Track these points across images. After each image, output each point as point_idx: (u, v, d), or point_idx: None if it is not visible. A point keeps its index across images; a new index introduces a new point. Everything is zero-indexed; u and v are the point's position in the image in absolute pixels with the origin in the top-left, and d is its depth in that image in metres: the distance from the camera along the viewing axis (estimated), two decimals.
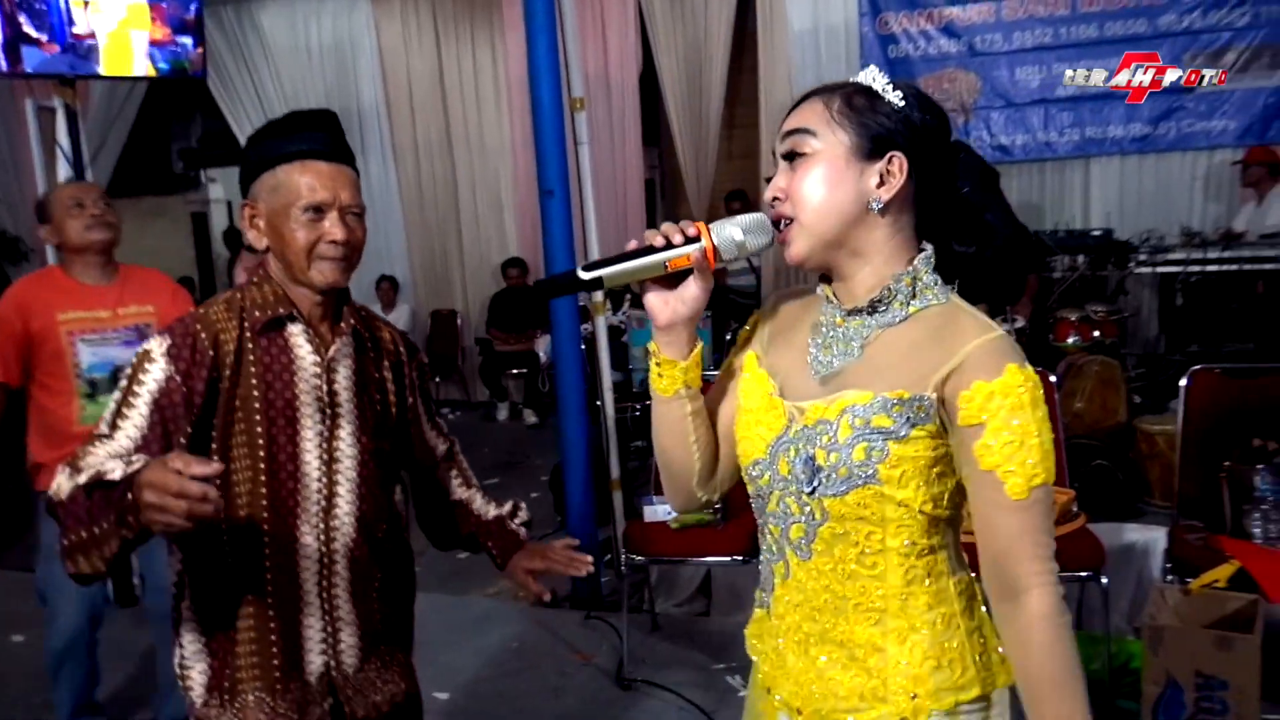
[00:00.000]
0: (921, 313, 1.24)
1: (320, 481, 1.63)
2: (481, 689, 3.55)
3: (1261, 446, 3.13)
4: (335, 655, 1.66)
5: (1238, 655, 2.61)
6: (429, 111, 8.54)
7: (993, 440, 1.17)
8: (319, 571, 1.63)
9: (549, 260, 4.17)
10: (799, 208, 1.24)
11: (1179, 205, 6.91)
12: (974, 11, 7.17)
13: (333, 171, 1.60)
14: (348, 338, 1.68)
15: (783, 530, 1.29)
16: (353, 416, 1.67)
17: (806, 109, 1.27)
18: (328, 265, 1.60)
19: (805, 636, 1.30)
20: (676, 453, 1.38)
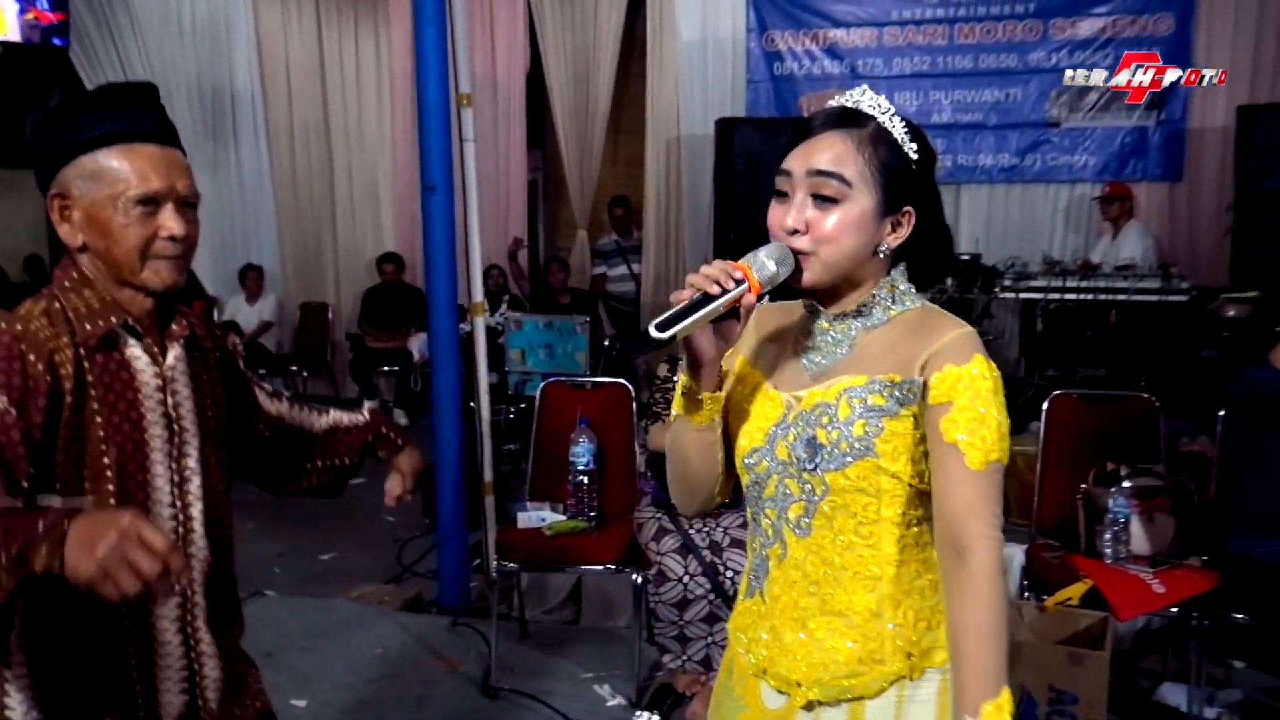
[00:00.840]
0: (901, 315, 1.38)
1: (174, 508, 1.47)
2: (341, 697, 3.43)
3: (1115, 470, 3.27)
4: (199, 692, 1.51)
5: (1088, 671, 2.71)
6: (307, 98, 8.29)
7: (958, 416, 1.29)
8: (179, 605, 1.48)
9: (428, 257, 4.08)
10: (821, 246, 1.32)
11: (1042, 234, 7.22)
12: (857, 35, 7.36)
13: (166, 157, 1.43)
14: (178, 344, 1.50)
15: (780, 512, 1.40)
16: (196, 430, 1.51)
17: (838, 146, 1.33)
18: (164, 265, 1.43)
19: (803, 612, 1.39)
20: (705, 470, 1.45)
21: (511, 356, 5.98)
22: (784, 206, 1.34)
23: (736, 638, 1.50)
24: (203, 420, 1.53)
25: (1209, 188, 6.82)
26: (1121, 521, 3.10)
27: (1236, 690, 3.32)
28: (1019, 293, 6.33)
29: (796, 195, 1.33)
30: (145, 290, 1.44)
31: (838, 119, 1.35)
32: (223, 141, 8.22)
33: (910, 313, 1.38)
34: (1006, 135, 7.24)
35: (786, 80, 7.50)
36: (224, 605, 1.57)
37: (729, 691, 1.52)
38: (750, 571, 1.49)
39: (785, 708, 1.43)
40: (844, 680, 1.36)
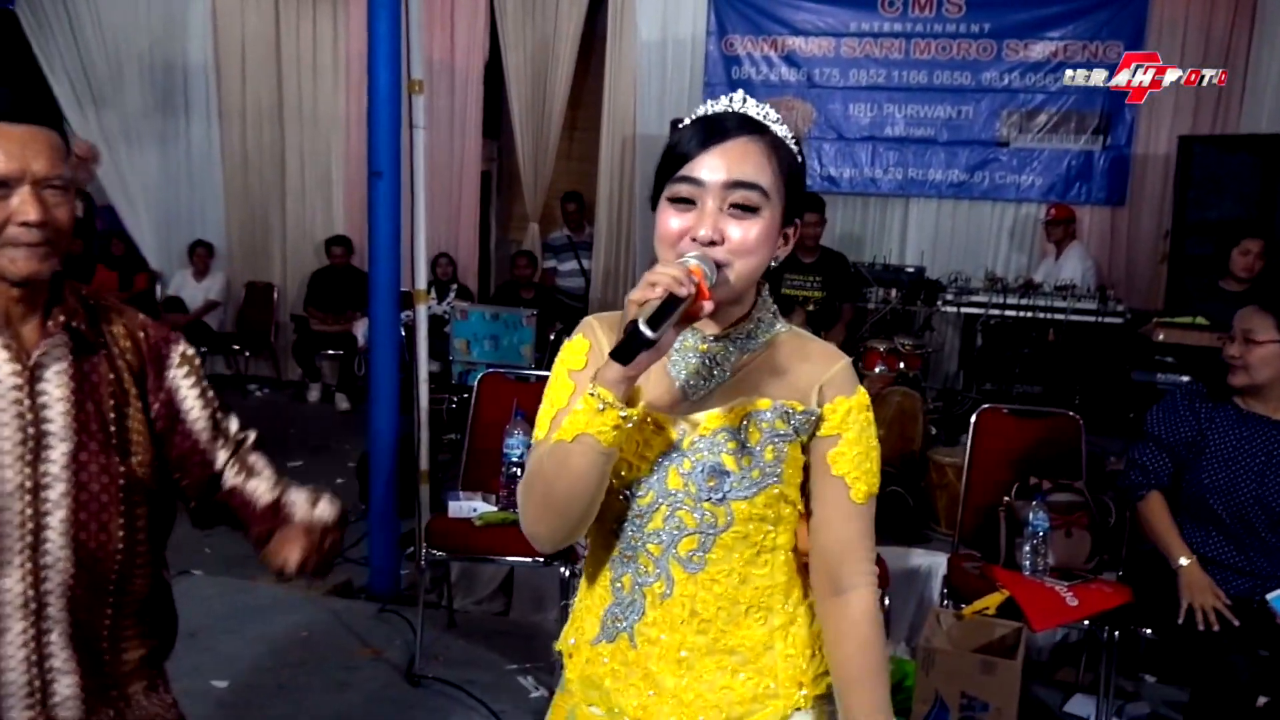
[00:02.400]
0: (775, 339, 1.34)
1: (24, 515, 1.35)
2: (262, 679, 3.41)
3: (1037, 484, 3.34)
4: (46, 711, 1.40)
5: (1000, 679, 2.78)
6: (261, 76, 8.18)
7: (846, 450, 1.31)
8: (26, 618, 1.37)
9: (372, 242, 4.06)
10: (738, 259, 1.24)
11: (986, 251, 7.35)
12: (815, 45, 7.43)
13: (21, 136, 1.32)
14: (60, 337, 1.39)
15: (666, 548, 1.30)
16: (70, 433, 1.38)
17: (753, 153, 1.25)
18: (20, 253, 1.33)
19: (691, 651, 1.31)
20: (592, 502, 1.25)
21: (456, 346, 5.96)
22: (689, 215, 1.24)
23: (586, 689, 1.38)
24: (82, 422, 1.40)
25: (1149, 213, 6.98)
26: (1040, 535, 3.17)
27: (1144, 703, 3.42)
28: (961, 307, 6.43)
29: (708, 204, 1.23)
30: (3, 279, 1.35)
31: (744, 125, 1.27)
32: (173, 116, 8.09)
33: (783, 336, 1.35)
34: (957, 152, 7.35)
35: (743, 85, 7.47)
36: (97, 622, 1.45)
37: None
38: (605, 614, 1.36)
39: None
40: (739, 719, 1.32)
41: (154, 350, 1.51)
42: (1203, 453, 2.87)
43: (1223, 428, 2.86)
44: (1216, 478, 2.84)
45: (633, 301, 1.13)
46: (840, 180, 7.54)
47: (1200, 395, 2.93)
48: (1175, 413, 2.94)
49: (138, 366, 1.49)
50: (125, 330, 1.50)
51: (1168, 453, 2.92)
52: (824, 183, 7.47)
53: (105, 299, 1.52)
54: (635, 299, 1.12)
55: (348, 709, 3.28)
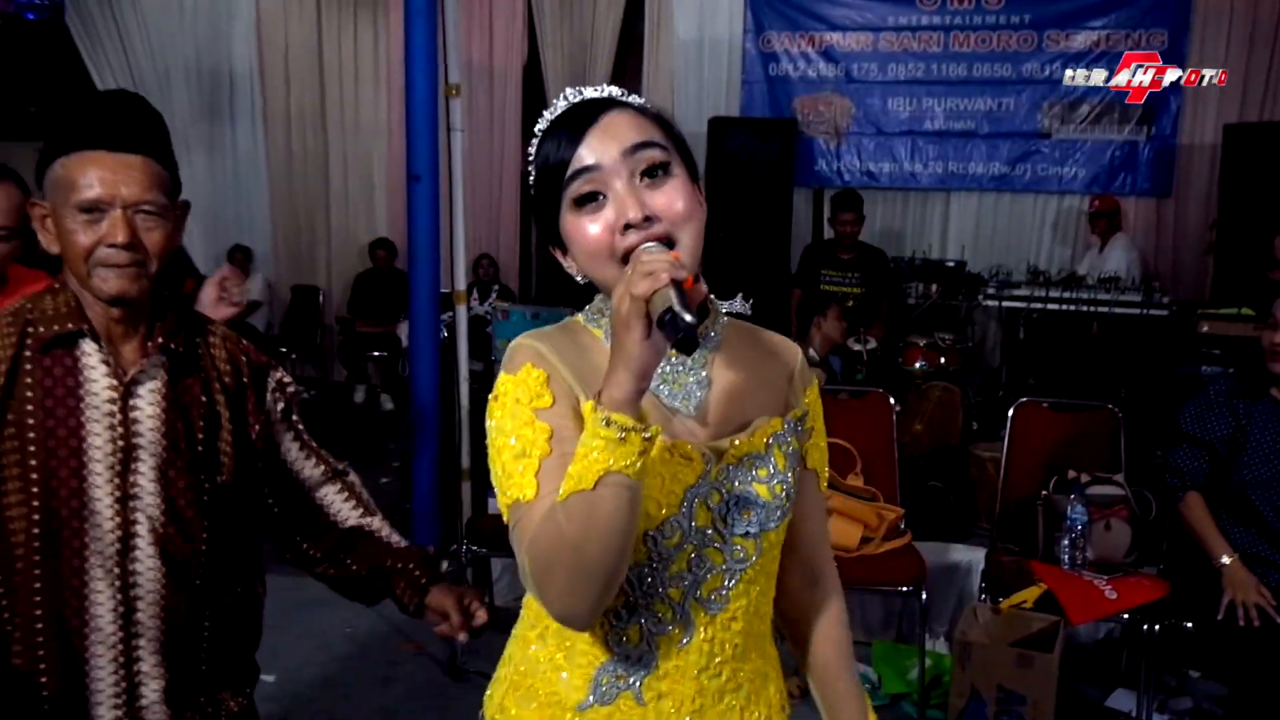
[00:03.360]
0: (726, 332, 1.21)
1: (114, 522, 1.43)
2: (309, 674, 3.49)
3: (1075, 478, 3.33)
4: (133, 712, 1.48)
5: (1036, 672, 2.77)
6: (304, 82, 8.33)
7: (818, 441, 1.28)
8: (116, 620, 1.44)
9: (412, 244, 4.13)
10: (678, 227, 1.08)
11: (1028, 244, 7.28)
12: (853, 39, 7.40)
13: (115, 163, 1.39)
14: (157, 357, 1.47)
15: (688, 590, 1.13)
16: (159, 449, 1.45)
17: (628, 117, 1.11)
18: (111, 274, 1.40)
19: (704, 700, 1.16)
20: (626, 550, 1.02)
21: (498, 346, 6.02)
22: (601, 211, 1.08)
23: None
24: (171, 439, 1.47)
25: (1195, 204, 6.89)
26: (1079, 528, 3.15)
27: (1187, 699, 3.38)
28: (1002, 301, 6.37)
29: (615, 185, 1.08)
30: (98, 298, 1.43)
31: (606, 103, 1.12)
32: (219, 122, 8.24)
33: (731, 328, 1.22)
34: (998, 144, 7.29)
35: (781, 81, 7.54)
36: (193, 631, 1.51)
37: None
38: (598, 673, 1.16)
39: None
40: None
41: (253, 376, 1.58)
42: (1243, 449, 2.85)
43: (1262, 422, 2.83)
44: (1258, 472, 2.81)
45: (636, 298, 0.95)
46: (880, 175, 7.51)
47: (1236, 391, 2.91)
48: (1211, 410, 2.91)
49: (234, 389, 1.55)
50: (226, 354, 1.56)
51: (1205, 451, 2.90)
52: (863, 178, 7.45)
53: (211, 320, 1.60)
54: (639, 293, 0.95)
55: (392, 702, 3.35)
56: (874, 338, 5.50)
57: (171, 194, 1.47)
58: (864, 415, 3.69)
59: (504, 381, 1.12)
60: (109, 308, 1.44)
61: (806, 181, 7.44)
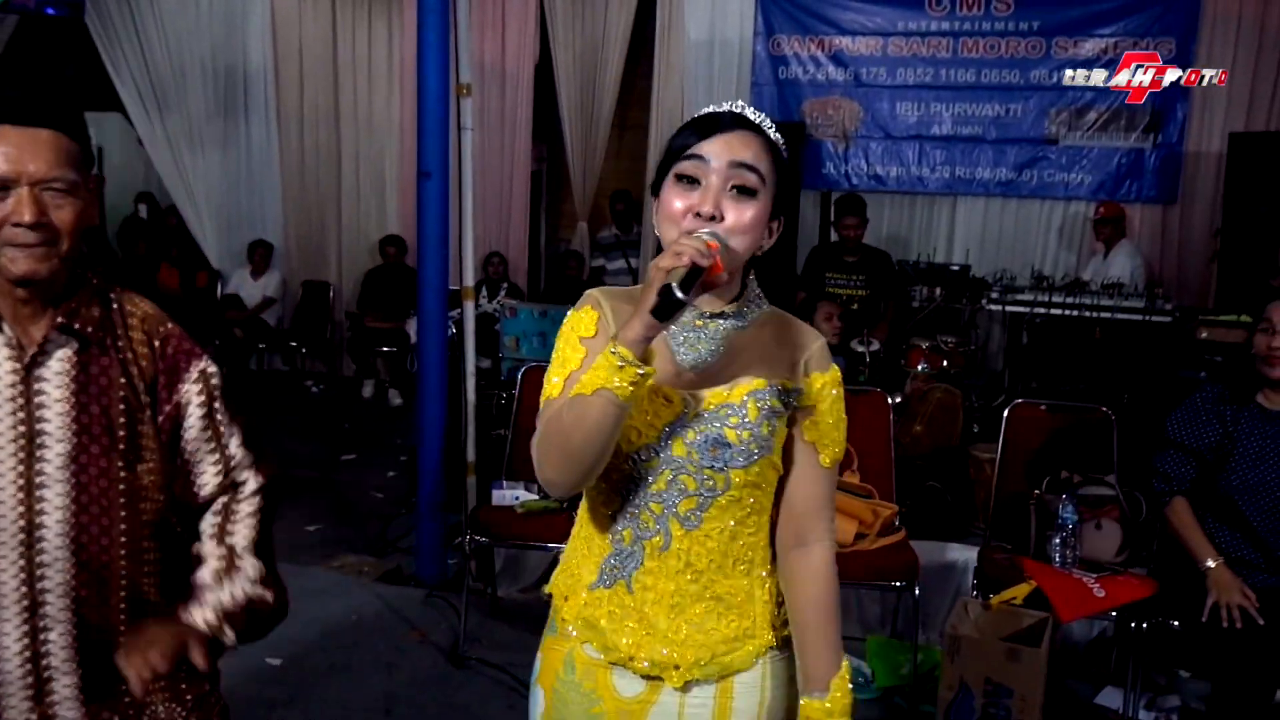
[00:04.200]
0: (762, 317, 1.49)
1: (17, 511, 1.37)
2: (314, 659, 3.56)
3: (1068, 478, 3.39)
4: (43, 707, 1.42)
5: (1024, 666, 2.83)
6: (318, 80, 8.41)
7: (819, 420, 1.47)
8: (22, 613, 1.39)
9: (421, 241, 4.20)
10: (734, 236, 1.36)
11: (1033, 250, 7.32)
12: (862, 44, 7.46)
13: (21, 137, 1.33)
14: (59, 337, 1.41)
15: (667, 507, 1.44)
16: (68, 434, 1.39)
17: (754, 144, 1.39)
18: (19, 253, 1.34)
19: (683, 598, 1.46)
20: (604, 452, 1.35)
21: (506, 343, 6.08)
22: (693, 192, 1.37)
23: (584, 629, 1.50)
24: (83, 424, 1.41)
25: (1201, 212, 6.92)
26: (1070, 527, 3.21)
27: (1175, 697, 3.44)
28: (1006, 305, 6.43)
29: (712, 181, 1.36)
30: (5, 278, 1.37)
31: (744, 121, 1.41)
32: (233, 119, 8.33)
33: (768, 316, 1.50)
34: (1005, 150, 7.33)
35: (790, 85, 7.60)
36: (110, 626, 1.45)
37: (574, 687, 1.51)
38: (604, 562, 1.49)
39: (647, 692, 1.47)
40: (723, 658, 1.46)
41: (171, 361, 1.50)
42: (1230, 455, 2.90)
43: (1249, 429, 2.89)
44: (1246, 478, 2.87)
45: (661, 269, 1.25)
46: (887, 179, 7.56)
47: (1224, 397, 2.96)
48: (1198, 416, 2.97)
49: (151, 374, 1.48)
50: (144, 336, 1.49)
51: (1192, 457, 2.95)
52: (871, 181, 7.51)
53: (134, 302, 1.52)
54: (664, 266, 1.25)
55: (395, 687, 3.43)
56: (877, 339, 5.56)
57: (83, 168, 1.41)
58: (862, 414, 3.73)
59: (570, 316, 1.48)
60: (14, 288, 1.38)
61: (814, 184, 7.50)
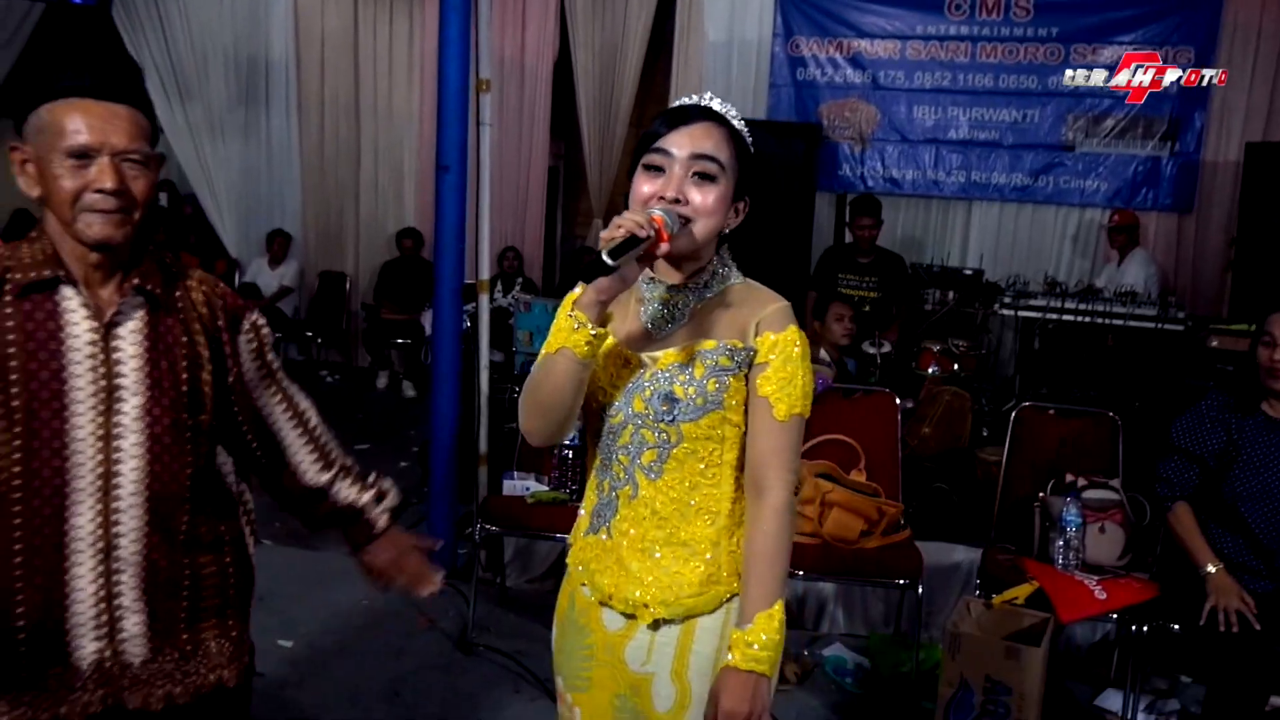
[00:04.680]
0: (729, 289, 1.63)
1: (95, 460, 1.49)
2: (325, 642, 3.62)
3: (1073, 481, 3.41)
4: (114, 644, 1.54)
5: (1023, 665, 2.86)
6: (339, 72, 8.48)
7: (771, 375, 1.56)
8: (96, 555, 1.50)
9: (438, 234, 4.25)
10: (700, 218, 1.53)
11: (1047, 255, 7.33)
12: (881, 47, 7.48)
13: (106, 111, 1.45)
14: (134, 299, 1.53)
15: (633, 458, 1.60)
16: (142, 388, 1.52)
17: (715, 135, 1.55)
18: (96, 218, 1.45)
19: (651, 544, 1.60)
20: (571, 406, 1.56)
21: (519, 338, 6.13)
22: (658, 180, 1.54)
23: (577, 571, 1.70)
24: (154, 378, 1.53)
25: (1217, 221, 6.93)
26: (1073, 530, 3.24)
27: (1175, 701, 3.46)
28: (1018, 310, 6.45)
29: (675, 171, 1.53)
30: (82, 242, 1.48)
31: (705, 114, 1.57)
32: (255, 109, 8.41)
33: (736, 287, 1.63)
34: (1021, 155, 7.35)
35: (808, 86, 7.63)
36: (175, 569, 1.58)
37: (573, 622, 1.71)
38: (593, 511, 1.68)
39: (626, 628, 1.63)
40: (687, 600, 1.59)
41: (229, 315, 1.64)
42: (1234, 462, 2.93)
43: (1253, 437, 2.92)
44: (1249, 486, 2.90)
45: (602, 238, 1.42)
46: (903, 182, 7.59)
47: (1229, 405, 2.99)
48: (1203, 424, 3.00)
49: (212, 329, 1.61)
50: (203, 296, 1.62)
51: (1195, 463, 2.98)
52: (886, 184, 7.54)
53: (188, 267, 1.66)
54: (604, 236, 1.42)
55: (404, 672, 3.48)
56: (888, 341, 5.59)
57: (153, 144, 1.54)
58: (869, 413, 3.78)
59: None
60: (89, 252, 1.49)
61: (830, 186, 7.53)
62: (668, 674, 1.60)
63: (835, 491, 3.40)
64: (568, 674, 1.72)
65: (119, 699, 1.56)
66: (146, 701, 1.58)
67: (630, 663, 1.63)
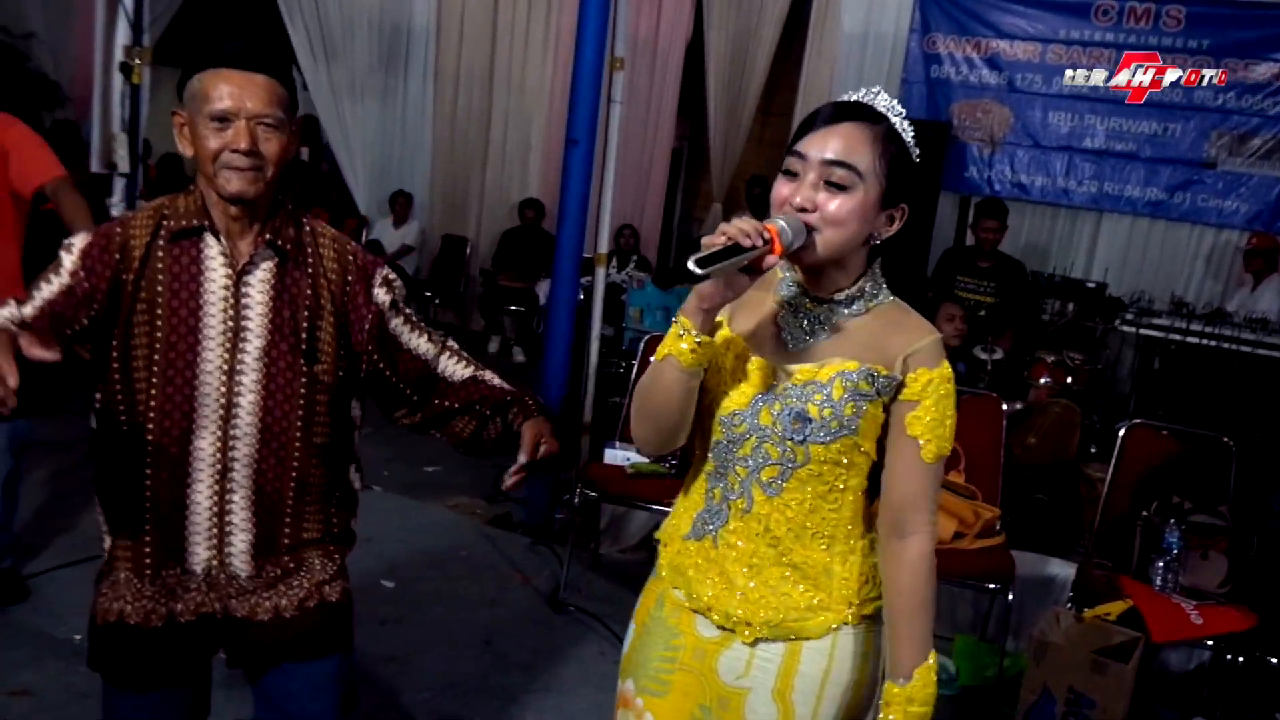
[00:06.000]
0: (878, 308, 1.53)
1: (219, 390, 1.65)
2: (424, 587, 3.79)
3: (1179, 504, 3.36)
4: (222, 555, 1.70)
5: (1110, 680, 2.85)
6: (477, 43, 8.66)
7: (922, 414, 1.48)
8: (214, 475, 1.67)
9: (563, 206, 4.36)
10: (827, 228, 1.43)
11: (1177, 274, 7.09)
12: (1020, 49, 7.32)
13: (243, 79, 1.60)
14: (265, 251, 1.67)
15: (752, 471, 1.52)
16: (264, 331, 1.66)
17: (854, 138, 1.44)
18: (234, 175, 1.60)
19: (760, 560, 1.54)
20: (682, 415, 1.51)
21: (630, 314, 6.24)
22: (793, 184, 1.45)
23: (671, 574, 1.63)
24: (276, 324, 1.67)
25: None
26: (1175, 553, 3.19)
27: None
28: (1140, 328, 6.28)
29: (808, 176, 1.43)
30: (222, 196, 1.63)
31: (856, 112, 1.46)
32: (394, 74, 8.65)
33: (885, 307, 1.53)
34: (1158, 170, 7.12)
35: (942, 84, 7.52)
36: (280, 496, 1.72)
37: (661, 622, 1.64)
38: (698, 515, 1.60)
39: (721, 637, 1.57)
40: (792, 624, 1.53)
41: (361, 272, 1.75)
42: None
43: None
44: None
45: (704, 243, 1.34)
46: (1031, 188, 7.43)
47: None
48: None
49: (341, 285, 1.73)
50: (335, 254, 1.74)
51: None
52: (1014, 189, 7.39)
53: (322, 226, 1.78)
54: (705, 241, 1.34)
55: (496, 622, 3.63)
56: (1001, 348, 5.51)
57: (289, 110, 1.66)
58: (974, 416, 3.76)
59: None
60: (229, 206, 1.64)
61: (955, 187, 7.42)
62: (768, 692, 1.54)
63: None
64: (642, 677, 1.65)
65: (226, 606, 1.73)
66: (253, 611, 1.74)
67: (723, 674, 1.57)
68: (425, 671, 3.24)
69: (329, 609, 1.79)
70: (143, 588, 1.71)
